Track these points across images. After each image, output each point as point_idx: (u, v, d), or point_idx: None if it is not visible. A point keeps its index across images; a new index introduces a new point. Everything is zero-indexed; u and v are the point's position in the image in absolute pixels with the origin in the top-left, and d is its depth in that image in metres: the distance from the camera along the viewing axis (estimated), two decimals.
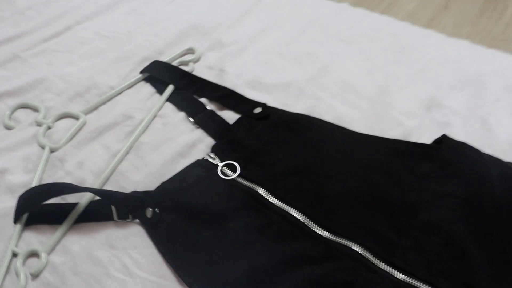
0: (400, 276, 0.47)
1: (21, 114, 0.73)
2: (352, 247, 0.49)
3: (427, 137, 0.62)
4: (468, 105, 0.68)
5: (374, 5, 1.66)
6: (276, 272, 0.48)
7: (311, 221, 0.52)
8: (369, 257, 0.49)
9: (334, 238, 0.51)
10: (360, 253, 0.49)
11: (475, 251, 0.48)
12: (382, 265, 0.48)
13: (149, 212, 0.55)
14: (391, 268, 0.48)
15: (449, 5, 1.69)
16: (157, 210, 0.55)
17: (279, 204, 0.54)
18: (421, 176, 0.54)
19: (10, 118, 0.72)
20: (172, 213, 0.55)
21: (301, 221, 0.52)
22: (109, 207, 0.56)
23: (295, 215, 0.53)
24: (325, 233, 0.51)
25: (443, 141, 0.57)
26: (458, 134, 0.61)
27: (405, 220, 0.51)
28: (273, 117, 0.65)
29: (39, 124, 0.70)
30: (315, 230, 0.51)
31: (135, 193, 0.58)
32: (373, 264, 0.48)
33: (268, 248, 0.50)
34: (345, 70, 0.74)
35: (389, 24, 0.86)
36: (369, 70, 0.74)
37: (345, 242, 0.50)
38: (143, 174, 0.61)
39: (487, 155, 0.57)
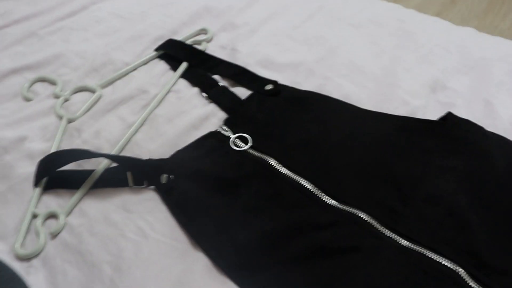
0: (404, 242, 0.49)
1: (39, 87, 0.75)
2: (359, 215, 0.52)
3: (431, 116, 0.64)
4: (472, 88, 0.70)
5: None
6: (284, 236, 0.51)
7: (320, 190, 0.54)
8: (375, 224, 0.51)
9: (342, 207, 0.53)
10: (366, 220, 0.51)
11: (477, 222, 0.50)
12: (387, 232, 0.50)
13: (163, 178, 0.57)
14: (395, 235, 0.50)
15: (456, 0, 1.71)
16: (171, 176, 0.57)
17: (289, 174, 0.56)
18: (426, 150, 0.56)
19: (28, 90, 0.74)
20: (185, 180, 0.57)
21: (310, 190, 0.55)
22: (124, 174, 0.58)
23: (304, 184, 0.55)
24: (332, 202, 0.53)
25: (448, 118, 0.59)
26: (461, 114, 0.63)
27: (410, 191, 0.53)
28: (284, 93, 0.67)
29: (56, 97, 0.72)
30: (323, 199, 0.54)
31: (150, 160, 0.60)
32: (378, 231, 0.51)
33: (277, 214, 0.53)
34: (353, 52, 0.77)
35: (396, 10, 0.89)
36: (376, 53, 0.77)
37: (352, 210, 0.52)
38: (158, 144, 0.63)
39: (490, 132, 0.59)
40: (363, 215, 0.52)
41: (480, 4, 1.68)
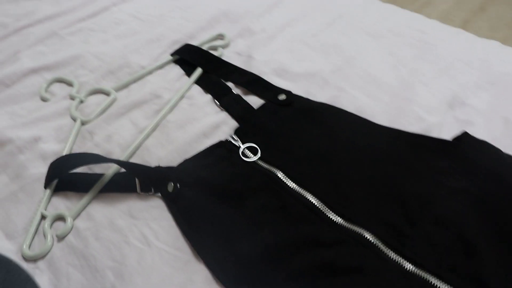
0: (409, 266, 0.48)
1: (56, 87, 0.76)
2: (364, 235, 0.51)
3: (447, 134, 0.62)
4: (491, 105, 0.68)
5: (407, 4, 1.64)
6: (287, 252, 0.50)
7: (326, 207, 0.54)
8: (380, 245, 0.50)
9: (347, 225, 0.52)
10: (371, 241, 0.50)
11: (486, 249, 0.48)
12: (392, 254, 0.49)
13: (170, 186, 0.57)
14: (400, 258, 0.48)
15: (485, 7, 1.65)
16: (178, 185, 0.57)
17: (296, 188, 0.56)
18: (438, 171, 0.54)
19: (46, 91, 0.75)
20: (192, 189, 0.57)
21: (316, 206, 0.54)
22: (133, 180, 0.58)
23: (311, 199, 0.54)
24: (338, 219, 0.52)
25: (463, 138, 0.58)
26: (479, 134, 0.61)
27: (418, 213, 0.51)
28: (296, 104, 0.66)
29: (72, 98, 0.73)
30: (329, 216, 0.53)
31: (158, 168, 0.60)
32: (383, 252, 0.49)
33: (282, 229, 0.52)
34: (370, 63, 0.75)
35: (417, 21, 0.86)
36: (393, 65, 0.75)
37: (358, 229, 0.51)
38: (167, 151, 0.64)
39: (508, 155, 0.57)
40: (368, 235, 0.50)
41: (510, 12, 1.63)
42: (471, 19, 1.61)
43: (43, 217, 0.58)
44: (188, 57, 0.78)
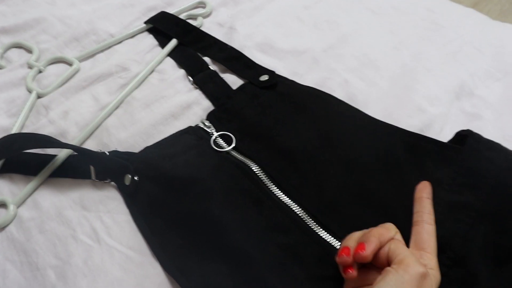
0: None
1: (13, 53, 0.68)
2: None
3: (451, 129, 0.54)
4: (504, 97, 0.59)
5: None
6: (262, 267, 0.43)
7: (307, 215, 0.46)
8: None
9: (331, 239, 0.44)
10: None
11: (488, 278, 0.41)
12: None
13: (127, 179, 0.50)
14: None
15: None
16: (136, 177, 0.49)
17: (273, 188, 0.48)
18: (436, 181, 0.46)
19: (2, 57, 0.68)
20: (152, 183, 0.49)
21: (296, 213, 0.46)
22: (88, 165, 0.51)
23: (289, 204, 0.47)
24: (321, 232, 0.45)
25: (468, 138, 0.49)
26: (488, 130, 0.54)
27: (410, 231, 0.44)
28: (280, 87, 0.58)
29: (30, 67, 0.65)
30: (311, 226, 0.45)
31: (115, 154, 0.52)
32: None
33: (254, 237, 0.45)
34: (368, 43, 0.66)
35: None
36: (394, 46, 0.66)
37: (339, 245, 0.44)
38: (129, 133, 0.56)
39: None
40: None
41: None
42: (480, 2, 1.51)
43: None
44: (163, 26, 0.69)
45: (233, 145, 0.52)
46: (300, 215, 0.46)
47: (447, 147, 0.49)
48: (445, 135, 0.54)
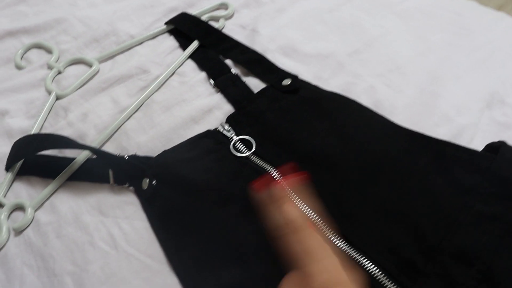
0: None
1: (33, 54, 0.68)
2: (363, 263, 0.41)
3: (481, 139, 0.52)
4: None
5: None
6: (281, 278, 0.41)
7: (325, 224, 0.44)
8: (384, 280, 0.40)
9: (347, 249, 0.42)
10: (373, 273, 0.41)
11: None
12: None
13: (145, 183, 0.48)
14: None
15: None
16: (154, 182, 0.48)
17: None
18: (465, 190, 0.44)
19: (22, 57, 0.67)
20: (169, 188, 0.48)
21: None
22: (106, 169, 0.50)
23: (307, 212, 0.45)
24: (338, 242, 0.43)
25: (501, 149, 0.46)
26: None
27: (436, 242, 0.41)
28: (303, 92, 0.56)
29: (50, 67, 0.64)
30: (328, 236, 0.43)
31: (133, 158, 0.51)
32: None
33: (270, 247, 0.43)
34: (394, 47, 0.64)
35: (453, 1, 0.74)
36: (422, 52, 0.64)
37: (357, 256, 0.42)
38: (149, 136, 0.55)
39: None
40: (370, 266, 0.41)
41: None
42: (507, 4, 1.46)
43: (0, 206, 0.50)
44: (184, 28, 0.68)
45: (253, 149, 0.51)
46: (317, 222, 0.44)
47: (478, 155, 0.47)
48: (475, 146, 0.51)
